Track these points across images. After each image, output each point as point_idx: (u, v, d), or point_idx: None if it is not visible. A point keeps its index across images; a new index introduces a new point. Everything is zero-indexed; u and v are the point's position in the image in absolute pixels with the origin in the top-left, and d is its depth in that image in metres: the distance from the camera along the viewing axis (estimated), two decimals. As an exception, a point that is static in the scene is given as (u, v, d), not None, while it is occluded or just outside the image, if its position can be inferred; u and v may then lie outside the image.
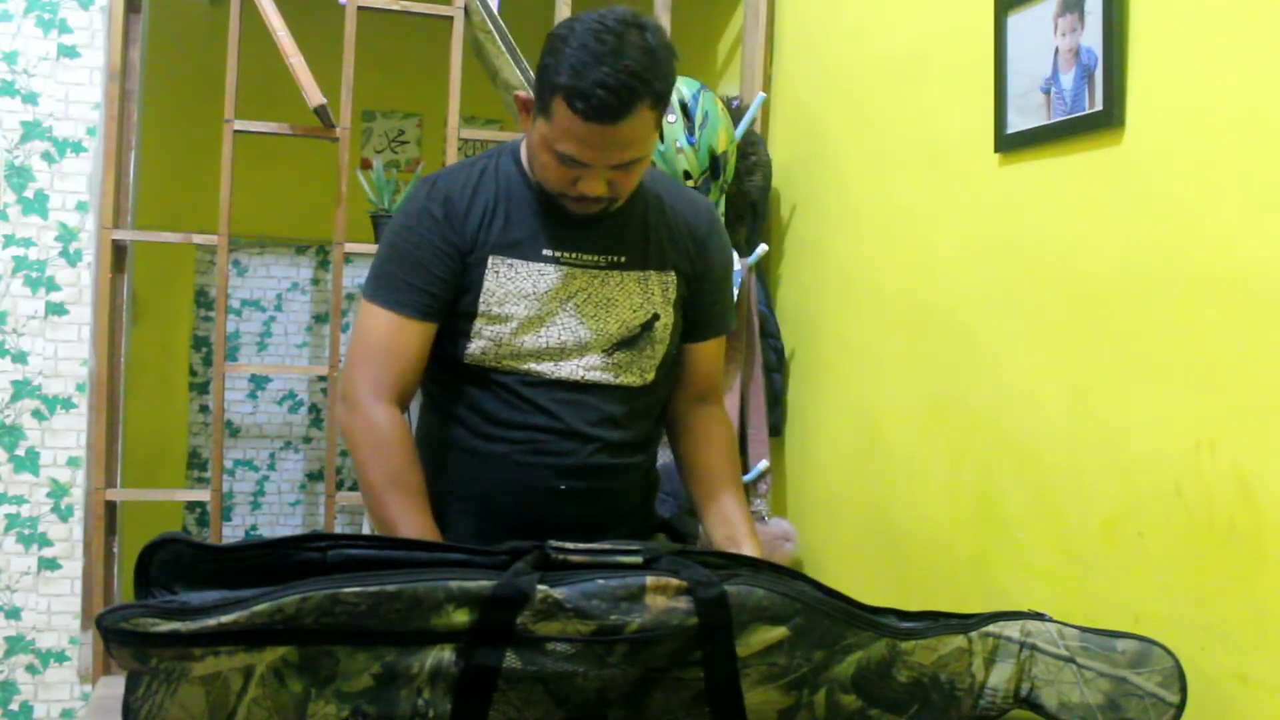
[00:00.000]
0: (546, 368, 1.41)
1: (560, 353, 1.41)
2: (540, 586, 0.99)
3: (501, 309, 1.40)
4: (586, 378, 1.42)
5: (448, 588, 0.97)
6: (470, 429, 1.44)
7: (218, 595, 0.94)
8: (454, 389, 1.45)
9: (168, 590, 0.98)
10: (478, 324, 1.40)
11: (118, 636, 0.90)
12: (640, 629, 1.00)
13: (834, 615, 1.09)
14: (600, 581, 1.01)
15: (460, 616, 0.97)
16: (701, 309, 1.52)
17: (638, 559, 1.05)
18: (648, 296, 1.45)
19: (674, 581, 1.02)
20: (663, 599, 1.01)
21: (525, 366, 1.41)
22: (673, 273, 1.47)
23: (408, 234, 1.41)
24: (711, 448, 1.54)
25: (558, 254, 1.41)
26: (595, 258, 1.42)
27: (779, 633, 1.05)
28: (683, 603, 1.02)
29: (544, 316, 1.40)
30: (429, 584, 0.96)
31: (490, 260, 1.40)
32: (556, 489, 1.41)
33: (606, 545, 1.07)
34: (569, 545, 1.06)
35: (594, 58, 1.23)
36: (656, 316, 1.45)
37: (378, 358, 1.39)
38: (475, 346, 1.41)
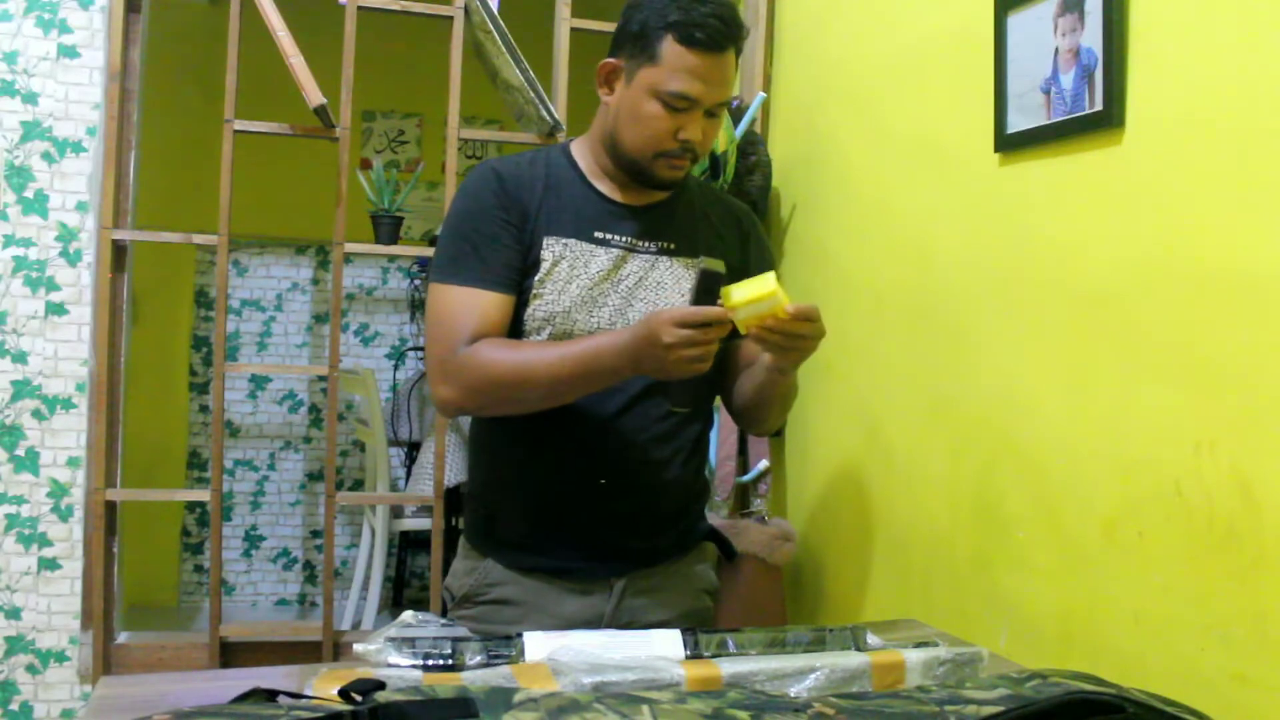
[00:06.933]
0: None
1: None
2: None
3: (556, 285, 1.41)
4: None
5: None
6: (520, 424, 1.44)
7: None
8: None
9: None
10: (534, 301, 1.42)
11: None
12: None
13: None
14: None
15: None
16: None
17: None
18: None
19: None
20: None
21: None
22: (721, 262, 1.49)
23: (467, 215, 1.43)
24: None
25: (609, 237, 1.44)
26: (646, 244, 1.47)
27: None
28: None
29: (596, 298, 1.42)
30: None
31: (545, 241, 1.42)
32: (598, 484, 1.44)
33: None
34: None
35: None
36: None
37: (452, 323, 1.38)
38: (539, 311, 1.41)
